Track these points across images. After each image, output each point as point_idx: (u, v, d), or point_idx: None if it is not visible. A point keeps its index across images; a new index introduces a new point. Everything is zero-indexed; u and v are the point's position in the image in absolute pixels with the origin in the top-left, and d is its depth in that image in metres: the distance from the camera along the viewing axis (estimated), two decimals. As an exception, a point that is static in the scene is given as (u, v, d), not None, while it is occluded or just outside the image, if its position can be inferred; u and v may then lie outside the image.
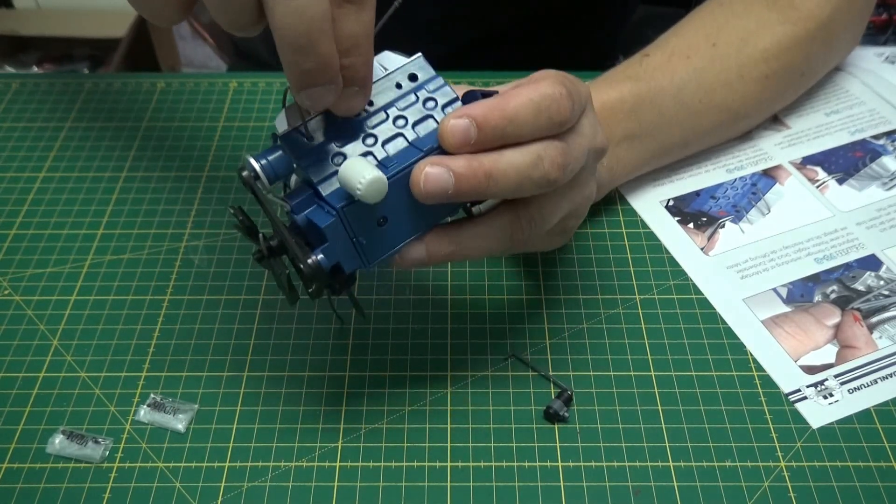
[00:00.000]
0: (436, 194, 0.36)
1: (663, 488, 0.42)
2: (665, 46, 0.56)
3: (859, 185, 0.57)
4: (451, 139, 0.37)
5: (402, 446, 0.44)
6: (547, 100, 0.38)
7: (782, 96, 0.60)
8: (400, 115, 0.39)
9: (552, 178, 0.38)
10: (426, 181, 0.36)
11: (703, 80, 0.54)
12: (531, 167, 0.38)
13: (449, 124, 0.37)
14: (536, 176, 0.38)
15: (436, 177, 0.36)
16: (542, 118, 0.38)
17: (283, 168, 0.37)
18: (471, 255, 0.41)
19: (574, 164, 0.40)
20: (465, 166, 0.36)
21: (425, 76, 0.40)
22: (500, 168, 0.37)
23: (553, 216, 0.42)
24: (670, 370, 0.47)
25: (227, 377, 0.47)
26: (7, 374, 0.47)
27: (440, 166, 0.36)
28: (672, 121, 0.54)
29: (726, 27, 0.56)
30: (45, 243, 0.55)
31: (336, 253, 0.37)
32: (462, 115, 0.37)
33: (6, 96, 0.67)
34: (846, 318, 0.49)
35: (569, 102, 0.38)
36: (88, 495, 0.42)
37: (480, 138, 0.37)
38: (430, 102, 0.39)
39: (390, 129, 0.38)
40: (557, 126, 0.38)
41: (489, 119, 0.37)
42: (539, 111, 0.37)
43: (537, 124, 0.38)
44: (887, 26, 0.75)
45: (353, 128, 0.38)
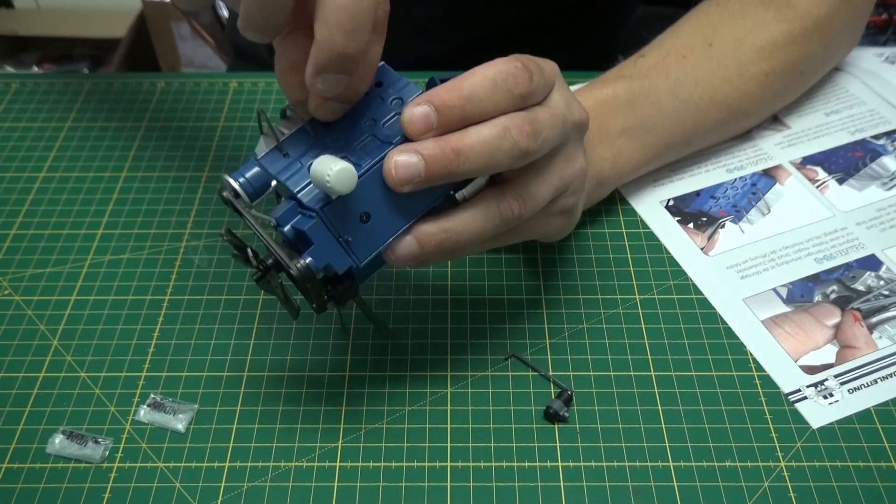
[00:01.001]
0: (408, 180, 0.37)
1: (663, 488, 0.42)
2: (660, 47, 0.56)
3: (859, 185, 0.57)
4: (412, 127, 0.37)
5: (402, 446, 0.44)
6: (502, 74, 0.38)
7: (782, 94, 0.60)
8: (369, 119, 0.39)
9: (524, 147, 0.38)
10: (397, 169, 0.37)
11: (701, 77, 0.54)
12: (499, 138, 0.38)
13: (409, 112, 0.37)
14: (506, 146, 0.38)
15: (405, 163, 0.37)
16: (500, 92, 0.38)
17: (260, 184, 0.38)
18: (463, 240, 0.40)
19: (547, 133, 0.39)
20: (432, 147, 0.37)
21: (390, 81, 0.40)
22: (467, 143, 0.37)
23: (541, 191, 0.41)
24: (670, 370, 0.47)
25: (227, 377, 0.47)
26: (7, 374, 0.47)
27: (408, 152, 0.37)
28: (671, 117, 0.54)
29: (722, 27, 0.56)
30: (45, 243, 0.55)
31: (323, 254, 0.38)
32: (419, 102, 0.37)
33: (6, 96, 0.67)
34: (846, 318, 0.49)
35: (525, 74, 0.38)
36: (88, 495, 0.42)
37: (442, 121, 0.37)
38: (395, 101, 0.39)
39: (361, 133, 0.39)
40: (519, 99, 0.39)
41: (446, 100, 0.37)
42: (496, 85, 0.38)
43: (497, 99, 0.38)
44: (887, 26, 0.75)
45: (326, 137, 0.39)
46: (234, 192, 0.38)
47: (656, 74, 0.54)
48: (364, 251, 0.39)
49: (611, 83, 0.54)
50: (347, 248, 0.38)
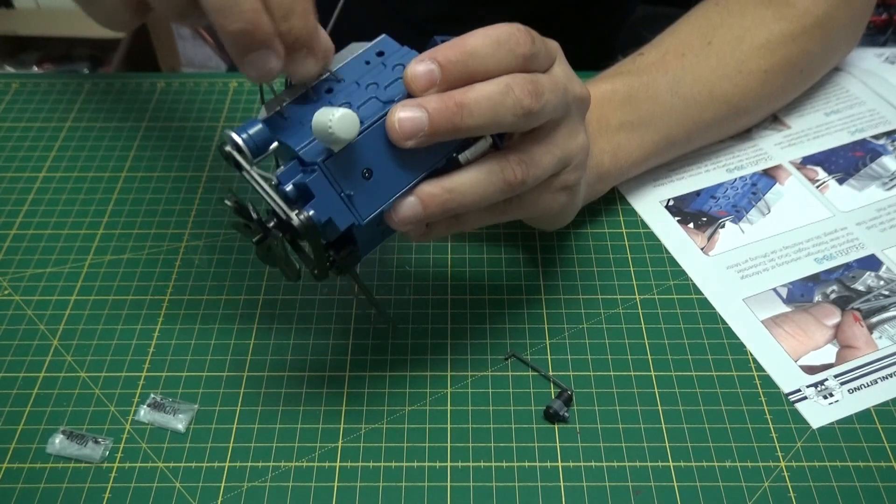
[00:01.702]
0: (412, 134, 0.37)
1: (663, 488, 0.42)
2: (659, 46, 0.56)
3: (859, 185, 0.57)
4: (416, 83, 0.37)
5: (402, 446, 0.44)
6: (504, 34, 0.38)
7: (782, 92, 0.60)
8: (371, 83, 0.39)
9: (526, 106, 0.38)
10: (400, 122, 0.36)
11: (700, 74, 0.55)
12: (502, 94, 0.38)
13: (413, 68, 0.37)
14: (509, 103, 0.38)
15: (409, 116, 0.36)
16: (503, 51, 0.38)
17: (262, 141, 0.38)
18: (467, 202, 0.40)
19: (549, 97, 0.39)
20: (435, 101, 0.37)
21: (392, 50, 0.40)
22: (471, 98, 0.37)
23: (544, 159, 0.41)
24: (670, 370, 0.47)
25: (227, 377, 0.47)
26: (7, 374, 0.47)
27: (411, 106, 0.37)
28: (670, 112, 0.54)
29: (721, 25, 0.56)
30: (45, 243, 0.55)
31: (325, 207, 0.37)
32: (423, 58, 0.37)
33: (6, 96, 0.67)
34: (846, 318, 0.49)
35: (527, 37, 0.39)
36: (88, 495, 0.42)
37: (445, 77, 0.37)
38: (398, 67, 0.39)
39: (363, 95, 0.39)
40: (521, 59, 0.39)
41: (449, 56, 0.37)
42: (498, 44, 0.38)
43: (499, 57, 0.38)
44: (887, 26, 0.75)
45: (329, 100, 0.39)
46: (237, 147, 0.37)
47: (655, 71, 0.54)
48: (366, 208, 0.38)
49: (608, 79, 0.54)
50: (349, 204, 0.38)
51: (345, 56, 0.41)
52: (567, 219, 0.49)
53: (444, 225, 0.41)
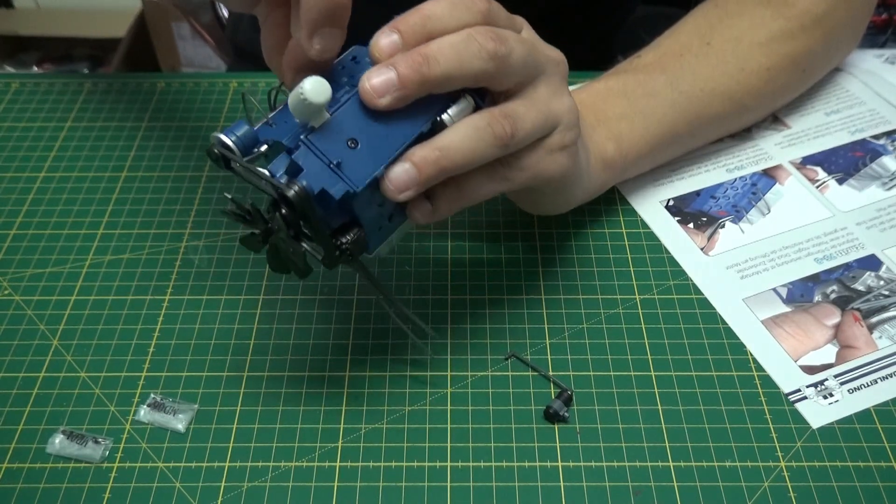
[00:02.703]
0: (383, 91, 0.38)
1: (663, 488, 0.42)
2: (657, 47, 0.57)
3: (859, 185, 0.57)
4: (381, 54, 0.38)
5: (402, 446, 0.44)
6: None
7: (784, 90, 0.60)
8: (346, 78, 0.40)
9: (491, 49, 0.39)
10: (371, 84, 0.37)
11: (700, 72, 0.55)
12: (464, 42, 0.38)
13: (375, 42, 0.38)
14: (473, 48, 0.39)
15: (378, 76, 0.38)
16: (460, 9, 0.39)
17: (250, 141, 0.39)
18: (459, 158, 0.40)
19: (514, 45, 0.40)
20: (401, 57, 0.38)
21: (362, 57, 0.41)
22: (433, 48, 0.38)
23: (529, 114, 0.41)
24: (670, 370, 0.47)
25: (227, 377, 0.47)
26: (7, 374, 0.47)
27: (379, 68, 0.38)
28: (673, 106, 0.54)
29: (720, 26, 0.56)
30: (45, 243, 0.55)
31: (316, 178, 0.38)
32: (384, 30, 0.39)
33: (6, 96, 0.67)
34: (846, 318, 0.49)
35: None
36: (88, 495, 0.42)
37: (406, 42, 0.38)
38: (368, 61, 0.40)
39: (342, 88, 0.40)
40: (479, 15, 0.40)
41: (409, 22, 0.38)
42: (454, 4, 0.39)
43: (457, 15, 0.39)
44: (887, 26, 0.75)
45: None
46: (226, 146, 0.38)
47: (652, 70, 0.55)
48: (358, 175, 0.38)
49: (603, 79, 0.55)
50: (340, 173, 0.38)
51: None
52: (572, 197, 0.49)
53: (446, 199, 0.41)
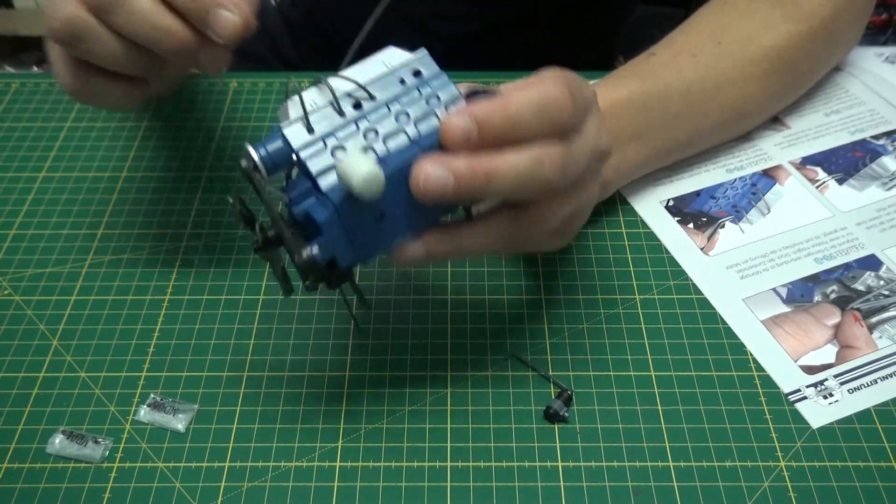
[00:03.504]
0: (434, 192, 0.36)
1: (663, 488, 0.42)
2: (671, 45, 0.56)
3: (859, 185, 0.57)
4: (451, 137, 0.36)
5: (402, 446, 0.44)
6: (549, 101, 0.37)
7: (785, 95, 0.60)
8: (402, 112, 0.38)
9: (552, 181, 0.38)
10: (426, 180, 0.36)
11: (709, 78, 0.54)
12: (531, 169, 0.37)
13: (451, 122, 0.36)
14: (536, 178, 0.38)
15: (436, 176, 0.36)
16: (544, 120, 0.37)
17: (282, 159, 0.37)
18: (469, 255, 0.41)
19: (575, 166, 0.40)
20: (465, 166, 0.36)
21: (429, 73, 0.39)
22: (499, 169, 0.37)
23: (554, 218, 0.41)
24: (670, 370, 0.47)
25: (227, 377, 0.47)
26: (7, 374, 0.47)
27: (440, 165, 0.36)
28: (678, 119, 0.54)
29: (731, 26, 0.56)
30: (45, 243, 0.55)
31: (331, 246, 0.37)
32: (464, 113, 0.36)
33: (6, 96, 0.67)
34: (846, 318, 0.49)
35: (571, 105, 0.38)
36: (88, 495, 0.42)
37: (481, 137, 0.36)
38: (433, 100, 0.39)
39: (392, 125, 0.38)
40: (559, 127, 0.38)
41: (491, 119, 0.36)
42: (541, 113, 0.37)
43: (538, 126, 0.37)
44: (887, 26, 0.75)
45: (355, 122, 0.38)
46: (254, 164, 0.37)
47: (668, 73, 0.54)
48: (371, 250, 0.38)
49: (625, 82, 0.53)
50: (356, 245, 0.38)
51: (379, 65, 0.40)
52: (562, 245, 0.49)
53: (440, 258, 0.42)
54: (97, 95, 0.43)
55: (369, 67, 0.40)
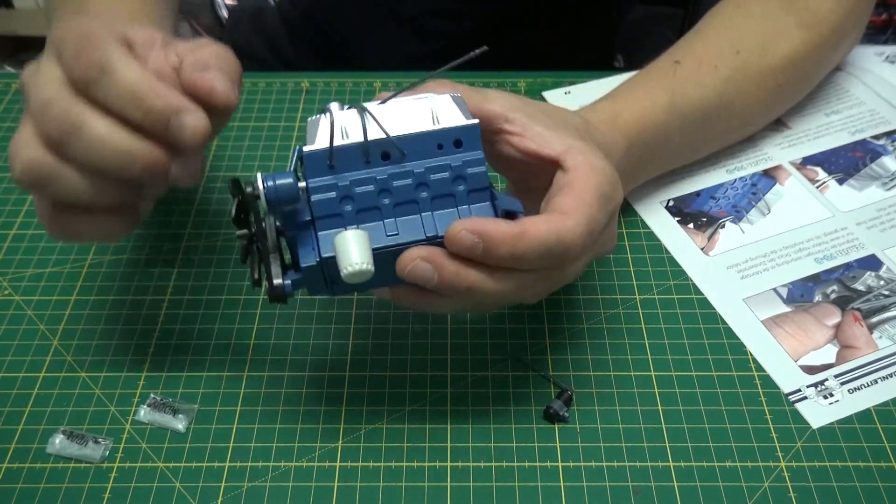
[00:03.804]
0: (416, 281, 0.37)
1: (663, 488, 0.42)
2: (693, 53, 0.55)
3: (859, 185, 0.57)
4: (454, 246, 0.37)
5: (402, 446, 0.44)
6: (561, 247, 0.37)
7: (789, 103, 0.60)
8: (424, 183, 0.38)
9: (527, 302, 0.40)
10: (412, 269, 0.37)
11: (726, 92, 0.54)
12: (512, 294, 0.38)
13: (459, 234, 0.36)
14: (513, 300, 0.39)
15: (422, 270, 0.37)
16: (547, 261, 0.38)
17: (287, 196, 0.37)
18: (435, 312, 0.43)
19: (560, 285, 0.40)
20: (451, 274, 0.37)
21: (469, 148, 0.38)
22: (482, 288, 0.37)
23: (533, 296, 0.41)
24: (670, 370, 0.47)
25: (227, 377, 0.47)
26: (7, 374, 0.47)
27: (430, 263, 0.37)
28: (692, 135, 0.54)
29: (747, 32, 0.56)
30: (45, 243, 0.55)
31: (305, 284, 0.38)
32: (475, 231, 0.36)
33: (6, 96, 0.67)
34: (846, 318, 0.49)
35: (580, 252, 0.38)
36: (88, 495, 0.42)
37: (482, 256, 0.37)
38: (459, 182, 0.38)
39: (409, 193, 0.38)
40: (559, 265, 0.39)
41: (498, 248, 0.36)
42: (548, 255, 0.37)
43: (540, 264, 0.38)
44: (887, 26, 0.75)
45: (377, 174, 0.38)
46: (257, 194, 0.36)
47: (692, 89, 0.53)
48: (344, 292, 0.40)
49: (654, 96, 0.52)
50: (329, 285, 0.39)
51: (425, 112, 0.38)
52: None
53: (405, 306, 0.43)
54: (82, 234, 0.39)
55: (415, 110, 0.38)
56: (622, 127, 0.49)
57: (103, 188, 0.37)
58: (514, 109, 0.42)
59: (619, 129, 0.49)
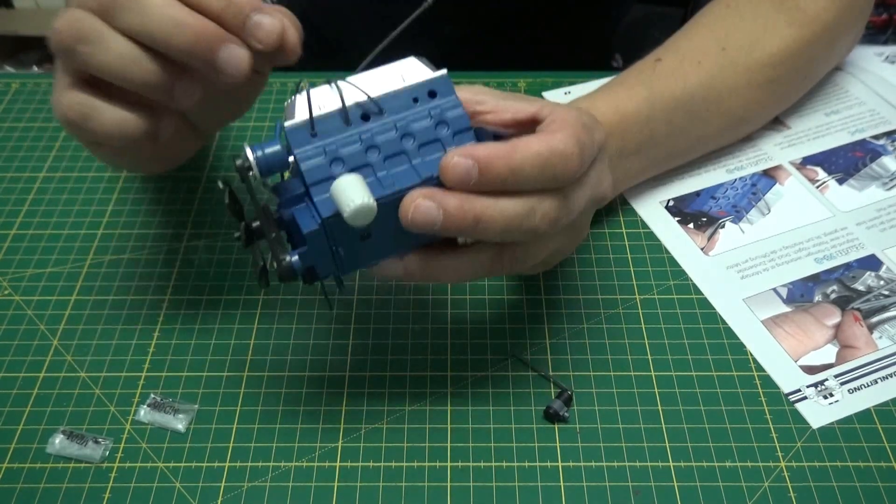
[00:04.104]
0: (422, 225, 0.36)
1: (663, 488, 0.42)
2: (676, 50, 0.55)
3: (859, 185, 0.57)
4: (450, 176, 0.36)
5: (402, 446, 0.44)
6: (556, 156, 0.37)
7: (785, 101, 0.60)
8: (408, 133, 0.38)
9: (540, 231, 0.38)
10: (415, 211, 0.36)
11: (713, 86, 0.54)
12: (522, 218, 0.37)
13: (452, 161, 0.36)
14: (525, 227, 0.38)
15: (425, 210, 0.36)
16: (547, 174, 0.37)
17: (277, 163, 0.37)
18: (446, 280, 0.41)
19: (568, 216, 0.40)
20: (456, 206, 0.36)
21: (444, 96, 0.39)
22: (490, 214, 0.37)
23: (537, 257, 0.42)
24: (670, 370, 0.47)
25: (227, 377, 0.47)
26: (7, 374, 0.47)
27: (432, 201, 0.36)
28: (681, 130, 0.54)
29: (735, 30, 0.56)
30: (45, 243, 0.55)
31: (312, 258, 0.37)
32: (467, 155, 0.36)
33: (6, 96, 0.67)
34: (846, 318, 0.49)
35: (578, 161, 0.38)
36: (88, 495, 0.42)
37: (480, 181, 0.36)
38: (442, 127, 0.38)
39: (395, 146, 0.38)
40: (560, 182, 0.38)
41: (493, 166, 0.36)
42: (545, 167, 0.37)
43: (540, 179, 0.37)
44: (887, 26, 0.75)
45: (360, 133, 0.38)
46: (248, 165, 0.37)
47: (674, 82, 0.53)
48: (351, 265, 0.39)
49: (632, 92, 0.52)
50: (337, 259, 0.38)
51: (396, 76, 0.39)
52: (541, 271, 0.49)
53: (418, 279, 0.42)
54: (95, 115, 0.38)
55: (386, 77, 0.39)
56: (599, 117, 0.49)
57: (141, 61, 0.37)
58: (482, 93, 0.42)
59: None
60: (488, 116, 0.42)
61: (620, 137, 0.51)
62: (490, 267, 0.40)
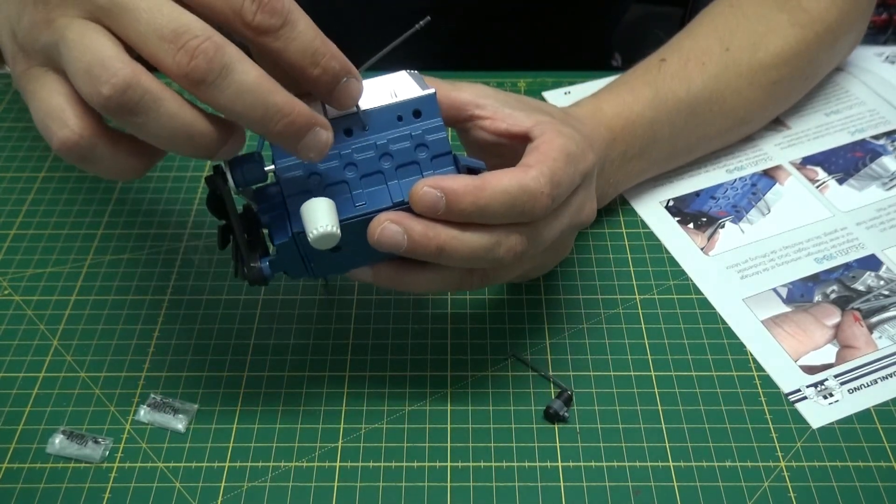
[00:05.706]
0: (387, 247, 0.37)
1: (663, 488, 0.42)
2: (680, 50, 0.55)
3: (859, 185, 0.57)
4: (419, 205, 0.37)
5: (402, 446, 0.44)
6: (526, 195, 0.38)
7: (787, 101, 0.60)
8: (387, 153, 0.39)
9: (504, 263, 0.39)
10: (381, 234, 0.37)
11: (717, 88, 0.54)
12: (485, 251, 0.38)
13: (421, 191, 0.37)
14: (489, 258, 0.38)
15: (391, 234, 0.37)
16: (515, 211, 0.38)
17: (254, 177, 0.38)
18: (416, 291, 0.42)
19: (535, 249, 0.40)
20: (420, 234, 0.37)
21: (428, 117, 0.39)
22: (453, 245, 0.37)
23: (507, 278, 0.42)
24: (670, 370, 0.47)
25: (227, 377, 0.47)
26: (7, 374, 0.47)
27: (399, 225, 0.37)
28: (683, 131, 0.54)
29: (738, 30, 0.55)
30: (45, 243, 0.55)
31: (282, 265, 0.39)
32: (437, 186, 0.37)
33: (6, 96, 0.67)
34: (846, 318, 0.49)
35: (547, 201, 0.38)
36: (88, 495, 0.42)
37: (446, 213, 0.37)
38: (421, 150, 0.39)
39: (373, 165, 0.39)
40: (528, 218, 0.39)
41: (460, 201, 0.37)
42: (513, 205, 0.38)
43: (508, 215, 0.38)
44: (887, 26, 0.75)
45: (340, 150, 0.39)
46: (224, 178, 0.38)
47: (678, 84, 0.53)
48: (322, 272, 0.40)
49: (637, 94, 0.52)
50: (308, 266, 0.39)
51: (384, 91, 0.40)
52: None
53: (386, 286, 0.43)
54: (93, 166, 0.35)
55: (374, 90, 0.40)
56: (604, 120, 0.49)
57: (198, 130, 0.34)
58: (484, 96, 0.43)
59: (601, 121, 0.49)
60: (485, 122, 0.42)
61: (625, 142, 0.51)
62: (460, 283, 0.41)
